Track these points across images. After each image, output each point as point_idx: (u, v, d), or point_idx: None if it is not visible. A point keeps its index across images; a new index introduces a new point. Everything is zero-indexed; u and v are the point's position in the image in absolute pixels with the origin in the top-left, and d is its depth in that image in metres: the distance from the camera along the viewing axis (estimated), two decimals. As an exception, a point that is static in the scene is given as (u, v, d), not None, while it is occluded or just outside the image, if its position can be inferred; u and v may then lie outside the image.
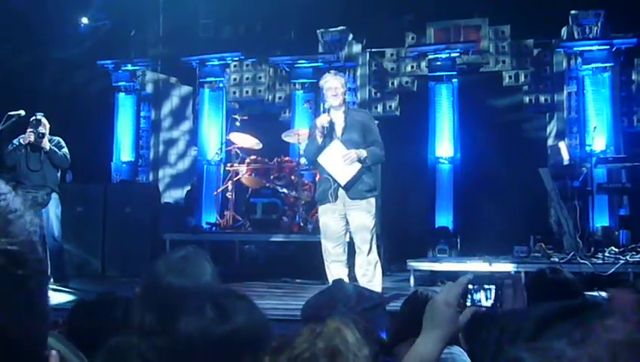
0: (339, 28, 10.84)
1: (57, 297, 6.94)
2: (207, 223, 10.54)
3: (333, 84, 6.15)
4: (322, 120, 6.15)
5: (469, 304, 1.94)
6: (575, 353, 1.21)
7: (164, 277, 2.22)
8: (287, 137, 10.04)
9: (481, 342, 1.73)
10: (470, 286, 1.92)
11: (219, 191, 10.64)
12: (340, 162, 5.95)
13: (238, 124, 10.39)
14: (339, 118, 6.17)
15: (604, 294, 2.12)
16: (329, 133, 6.09)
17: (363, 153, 5.99)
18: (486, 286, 1.98)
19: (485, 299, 1.98)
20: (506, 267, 7.65)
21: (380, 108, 10.85)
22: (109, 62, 11.69)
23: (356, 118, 6.23)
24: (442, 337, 1.76)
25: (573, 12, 9.94)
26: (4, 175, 8.10)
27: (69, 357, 1.12)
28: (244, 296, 1.85)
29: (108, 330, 2.17)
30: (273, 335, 1.80)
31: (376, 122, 6.69)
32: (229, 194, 10.09)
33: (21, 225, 0.92)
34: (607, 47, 9.63)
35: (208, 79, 11.41)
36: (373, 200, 6.11)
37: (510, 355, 1.26)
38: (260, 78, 11.49)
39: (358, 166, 5.98)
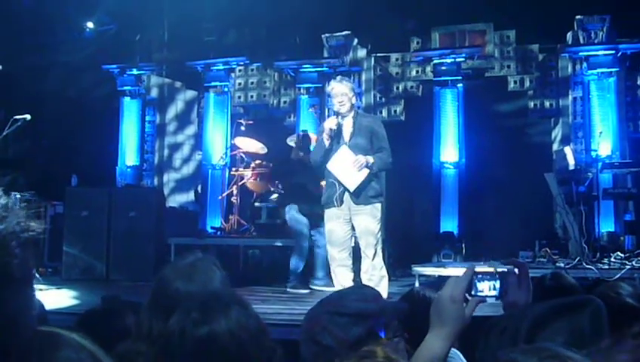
0: (344, 32, 10.85)
1: (62, 301, 6.95)
2: (212, 227, 10.54)
3: (339, 91, 6.08)
4: (331, 123, 6.11)
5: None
6: (570, 352, 1.21)
7: (172, 284, 2.21)
8: (292, 142, 10.02)
9: (482, 346, 1.72)
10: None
11: (224, 195, 10.64)
12: (350, 168, 5.92)
13: (243, 128, 10.38)
14: (347, 123, 6.12)
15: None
16: (336, 136, 6.07)
17: (370, 159, 5.97)
18: (489, 276, 1.94)
19: (489, 289, 1.93)
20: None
21: (384, 113, 10.85)
22: (114, 66, 11.71)
23: (364, 123, 6.16)
24: (450, 334, 1.74)
25: (578, 17, 9.92)
26: None
27: (95, 350, 1.12)
28: (241, 300, 1.79)
29: (116, 338, 2.16)
30: (266, 343, 1.73)
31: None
32: (233, 199, 10.09)
33: None
34: (613, 52, 9.60)
35: (213, 83, 11.41)
36: (378, 205, 6.09)
37: (503, 358, 1.26)
38: (265, 82, 11.51)
39: (367, 172, 5.95)
